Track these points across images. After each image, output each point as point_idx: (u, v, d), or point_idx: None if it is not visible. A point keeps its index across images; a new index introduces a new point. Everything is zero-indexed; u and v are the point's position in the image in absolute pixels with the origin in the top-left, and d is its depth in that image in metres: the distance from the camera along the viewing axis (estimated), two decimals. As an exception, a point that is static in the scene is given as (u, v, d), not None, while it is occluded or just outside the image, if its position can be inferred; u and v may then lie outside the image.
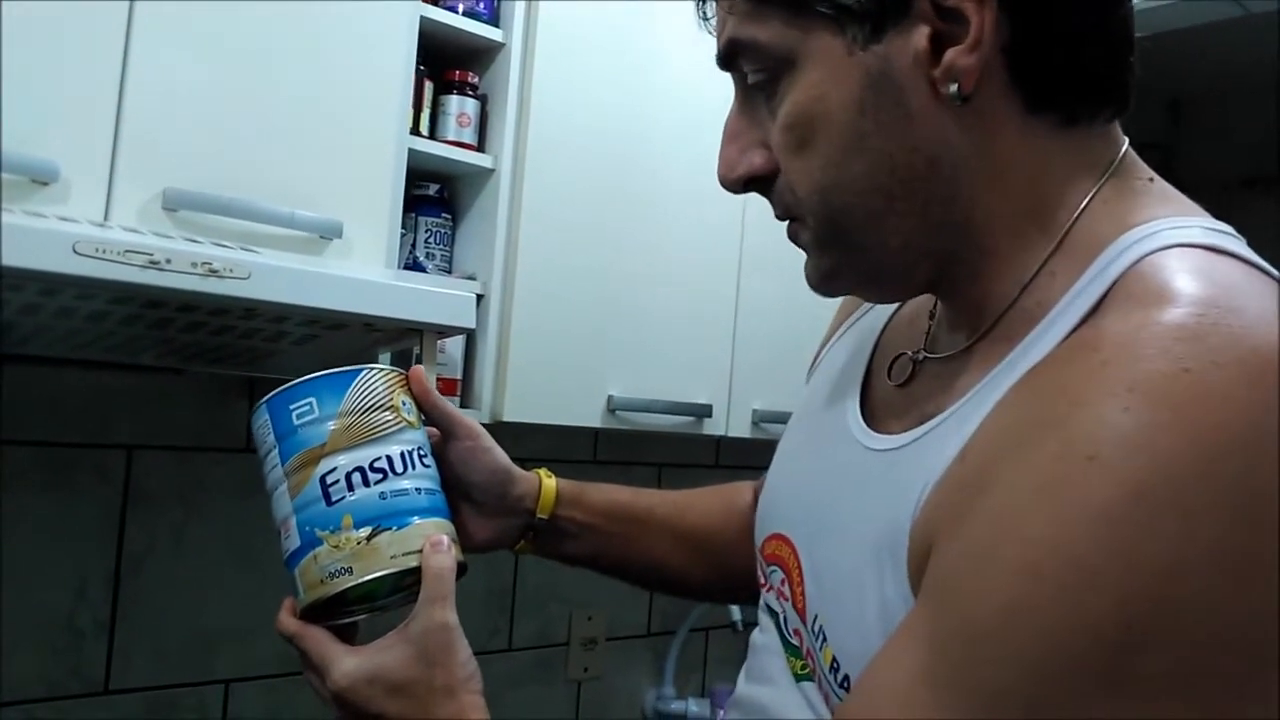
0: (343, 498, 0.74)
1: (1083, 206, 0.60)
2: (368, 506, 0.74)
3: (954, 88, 0.57)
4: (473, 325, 1.23)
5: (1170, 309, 0.50)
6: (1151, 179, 0.63)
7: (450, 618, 0.73)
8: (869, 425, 0.70)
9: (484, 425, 1.61)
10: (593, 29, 1.64)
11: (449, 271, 1.60)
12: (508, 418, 1.53)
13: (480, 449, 0.91)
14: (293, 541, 0.75)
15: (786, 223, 0.67)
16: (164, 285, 0.99)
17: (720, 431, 1.80)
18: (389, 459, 0.76)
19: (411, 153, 1.44)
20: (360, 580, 0.73)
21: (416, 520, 0.75)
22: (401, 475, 0.76)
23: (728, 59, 0.65)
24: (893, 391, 0.71)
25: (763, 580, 0.78)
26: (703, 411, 1.76)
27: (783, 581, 0.73)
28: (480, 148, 1.59)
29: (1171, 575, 0.44)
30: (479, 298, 1.54)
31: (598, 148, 1.65)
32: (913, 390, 0.68)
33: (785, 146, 0.62)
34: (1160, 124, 3.65)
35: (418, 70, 1.49)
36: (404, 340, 1.29)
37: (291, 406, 0.76)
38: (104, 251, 0.97)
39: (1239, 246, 0.57)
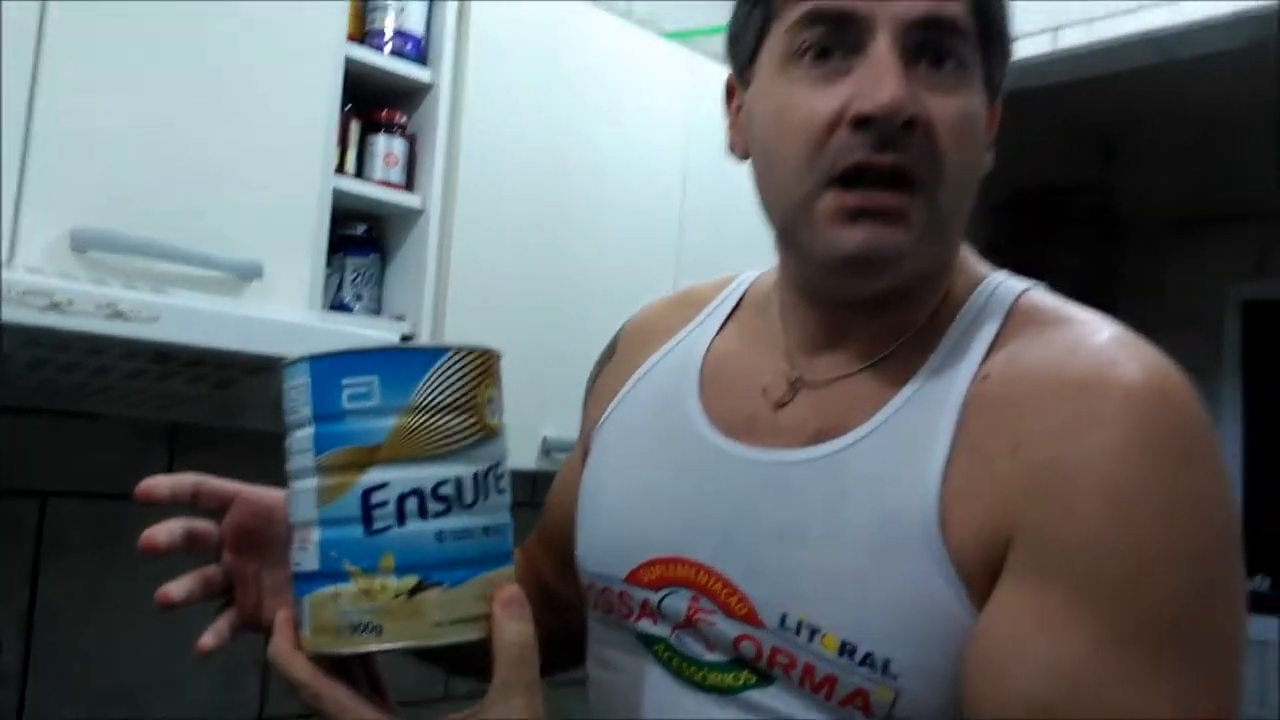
0: (388, 527, 0.57)
1: (959, 255, 0.75)
2: (418, 548, 0.57)
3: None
4: (394, 367, 1.20)
5: (1093, 323, 0.67)
6: None
7: (536, 712, 0.59)
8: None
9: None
10: (523, 68, 1.64)
11: (378, 312, 1.58)
12: (437, 461, 1.50)
13: None
14: (309, 561, 0.59)
15: (881, 194, 0.68)
16: (65, 328, 0.97)
17: (657, 473, 1.78)
18: (459, 484, 0.59)
19: (338, 192, 1.42)
20: (389, 647, 0.58)
21: (475, 576, 0.59)
22: (469, 508, 0.59)
23: (945, 26, 0.68)
24: (764, 412, 0.75)
25: (626, 612, 0.76)
26: (639, 452, 1.74)
27: (694, 600, 0.72)
28: (409, 187, 1.58)
29: (1222, 534, 0.61)
30: (407, 338, 1.52)
31: (529, 187, 1.64)
32: (793, 409, 0.74)
33: (957, 129, 0.68)
34: (1094, 166, 3.73)
35: (344, 110, 1.47)
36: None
37: (345, 381, 0.58)
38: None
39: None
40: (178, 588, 0.72)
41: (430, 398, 0.58)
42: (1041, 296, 0.73)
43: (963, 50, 0.68)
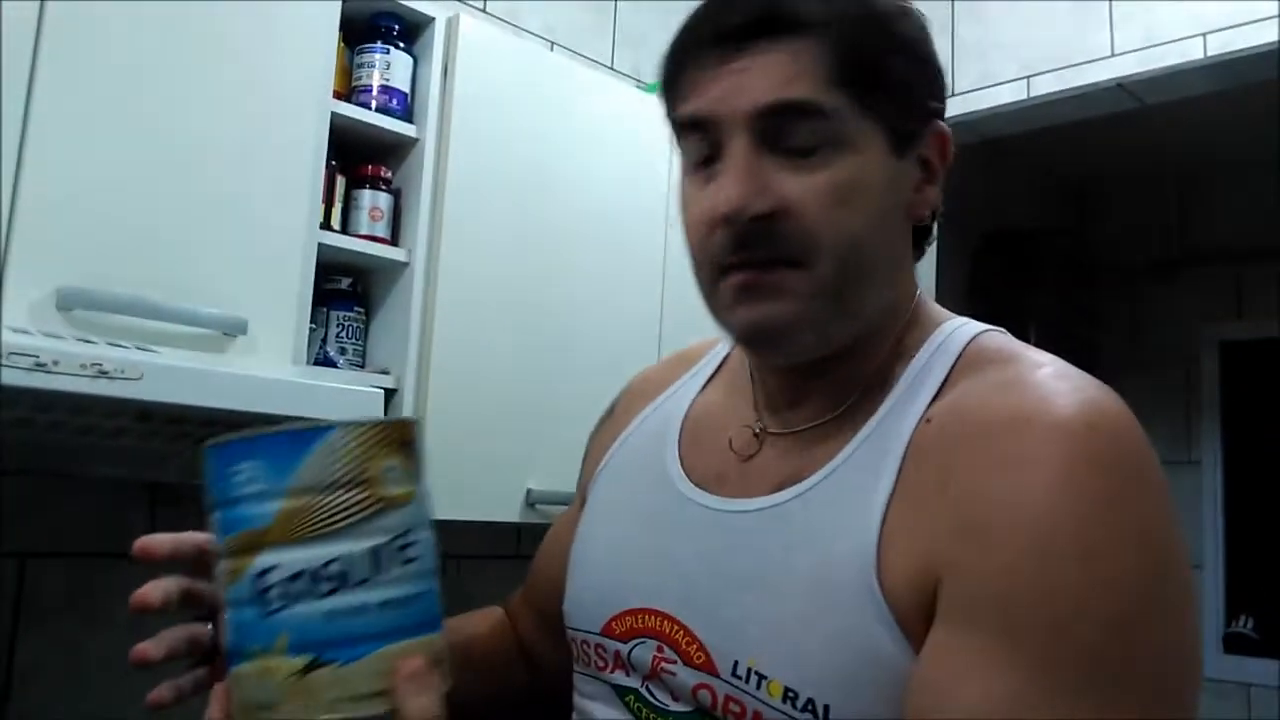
0: (281, 608, 0.57)
1: (913, 306, 0.77)
2: (308, 627, 0.57)
3: (929, 212, 0.75)
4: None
5: (1034, 361, 0.70)
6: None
7: None
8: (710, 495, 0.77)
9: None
10: (507, 122, 1.65)
11: (362, 366, 1.58)
12: (423, 514, 1.49)
13: None
14: (226, 640, 0.61)
15: (749, 272, 0.71)
16: (51, 388, 0.96)
17: (643, 522, 1.78)
18: (349, 561, 0.58)
19: (322, 247, 1.43)
20: None
21: (371, 652, 0.58)
22: (363, 585, 0.58)
23: (794, 110, 0.69)
24: (733, 464, 0.78)
25: (602, 664, 0.78)
26: (625, 503, 1.73)
27: (658, 649, 0.73)
28: (394, 241, 1.58)
29: (1167, 546, 0.62)
30: (392, 392, 1.52)
31: (513, 240, 1.65)
32: (760, 460, 0.77)
33: (826, 203, 0.69)
34: (1069, 209, 3.78)
35: (329, 165, 1.48)
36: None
37: (236, 467, 0.59)
38: (-15, 354, 0.94)
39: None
40: (157, 646, 0.68)
41: (312, 478, 0.58)
42: (993, 339, 0.74)
43: (824, 126, 0.69)
